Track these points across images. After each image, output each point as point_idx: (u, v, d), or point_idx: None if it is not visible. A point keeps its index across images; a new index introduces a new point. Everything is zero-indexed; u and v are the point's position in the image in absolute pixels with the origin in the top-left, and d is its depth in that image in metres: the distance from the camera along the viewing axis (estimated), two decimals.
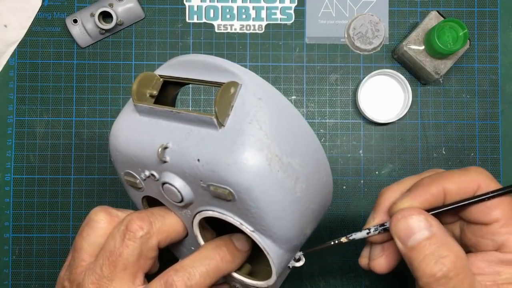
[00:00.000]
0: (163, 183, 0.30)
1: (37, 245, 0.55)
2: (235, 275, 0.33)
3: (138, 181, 0.32)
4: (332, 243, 0.34)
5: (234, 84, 0.28)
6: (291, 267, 0.34)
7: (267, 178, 0.27)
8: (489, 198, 0.29)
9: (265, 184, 0.27)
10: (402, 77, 0.55)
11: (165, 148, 0.28)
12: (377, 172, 0.56)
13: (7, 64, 0.56)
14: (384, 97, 0.56)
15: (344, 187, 0.56)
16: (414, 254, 0.27)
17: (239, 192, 0.27)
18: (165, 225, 0.32)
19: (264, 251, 0.30)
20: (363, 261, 0.34)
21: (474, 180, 0.29)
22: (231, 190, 0.27)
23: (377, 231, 0.31)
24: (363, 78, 0.55)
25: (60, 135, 0.56)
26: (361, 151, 0.56)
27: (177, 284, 0.29)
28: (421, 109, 0.56)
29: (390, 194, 0.32)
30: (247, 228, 0.29)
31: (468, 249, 0.30)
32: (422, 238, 0.27)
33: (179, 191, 0.30)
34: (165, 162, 0.29)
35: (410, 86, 0.54)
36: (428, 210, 0.30)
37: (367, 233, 0.32)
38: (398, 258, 0.32)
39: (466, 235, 0.31)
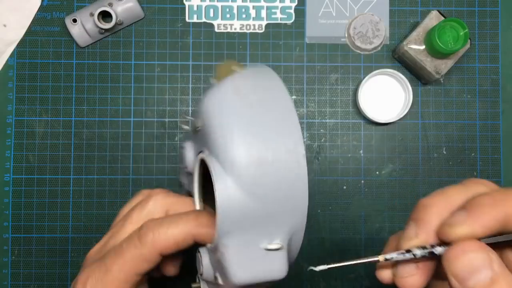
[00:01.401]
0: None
1: (37, 246, 0.55)
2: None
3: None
4: (365, 261, 0.29)
5: (236, 65, 0.32)
6: (265, 249, 0.30)
7: (225, 102, 0.30)
8: None
9: (222, 105, 0.30)
10: (403, 76, 0.54)
11: None
12: (377, 172, 0.56)
13: (6, 64, 0.56)
14: (385, 97, 0.56)
15: (345, 187, 0.56)
16: None
17: (202, 113, 0.31)
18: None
19: (211, 174, 0.30)
20: (385, 275, 0.29)
21: None
22: (201, 117, 0.31)
23: (425, 256, 0.27)
24: (364, 78, 0.54)
25: (59, 135, 0.55)
26: (361, 151, 0.56)
27: (146, 225, 0.33)
28: (422, 109, 0.56)
29: (438, 209, 0.27)
30: (206, 152, 0.31)
31: None
32: (485, 279, 0.24)
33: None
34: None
35: (411, 86, 0.54)
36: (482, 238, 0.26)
37: (412, 257, 0.27)
38: (432, 275, 0.29)
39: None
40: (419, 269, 0.28)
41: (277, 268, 0.30)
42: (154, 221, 0.33)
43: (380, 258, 0.28)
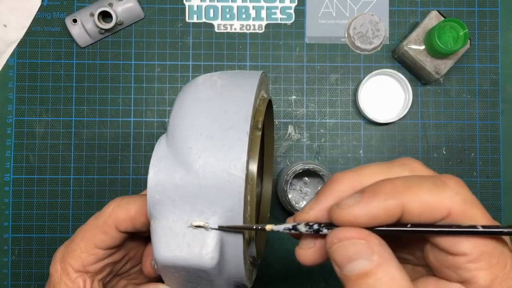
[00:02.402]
0: None
1: (37, 245, 0.55)
2: None
3: None
4: (254, 227, 0.28)
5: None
6: (191, 226, 0.28)
7: (193, 84, 0.31)
8: (455, 234, 0.23)
9: (187, 87, 0.31)
10: (403, 77, 0.54)
11: None
12: None
13: (7, 64, 0.56)
14: (385, 97, 0.56)
15: None
16: (350, 284, 0.23)
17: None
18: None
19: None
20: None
21: (445, 203, 0.23)
22: None
23: (309, 232, 0.26)
24: (364, 78, 0.55)
25: (59, 135, 0.55)
26: (361, 151, 0.56)
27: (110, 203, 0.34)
28: (422, 109, 0.56)
29: (342, 186, 0.26)
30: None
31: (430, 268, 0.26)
32: (360, 269, 0.23)
33: None
34: None
35: (411, 86, 0.54)
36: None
37: (290, 230, 0.26)
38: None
39: (428, 256, 0.25)
40: (315, 244, 0.26)
41: (204, 252, 0.27)
42: (119, 197, 0.34)
43: (268, 227, 0.27)
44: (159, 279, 0.37)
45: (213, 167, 0.27)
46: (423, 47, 0.53)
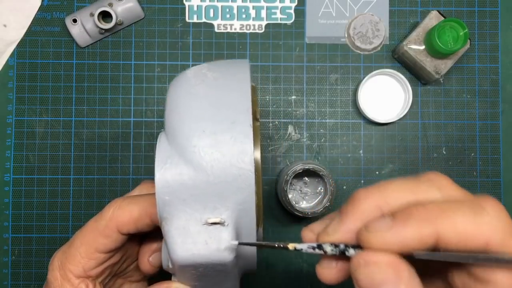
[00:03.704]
0: None
1: (37, 245, 0.55)
2: None
3: None
4: (276, 245, 0.27)
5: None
6: (206, 223, 0.28)
7: (182, 78, 0.31)
8: (493, 263, 0.22)
9: (178, 82, 0.31)
10: (403, 77, 0.54)
11: None
12: (377, 172, 0.56)
13: (7, 64, 0.56)
14: (385, 97, 0.56)
15: (344, 187, 0.56)
16: None
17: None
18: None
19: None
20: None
21: (484, 233, 0.21)
22: None
23: (335, 254, 0.25)
24: (363, 78, 0.55)
25: (59, 135, 0.55)
26: (361, 151, 0.56)
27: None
28: (422, 109, 0.56)
29: (368, 205, 0.24)
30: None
31: None
32: None
33: None
34: None
35: (411, 86, 0.54)
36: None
37: (315, 251, 0.25)
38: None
39: (453, 280, 0.24)
40: (338, 264, 0.25)
41: (222, 247, 0.27)
42: (118, 199, 0.34)
43: (290, 246, 0.26)
44: (157, 275, 0.37)
45: (221, 163, 0.27)
46: (423, 47, 0.53)
